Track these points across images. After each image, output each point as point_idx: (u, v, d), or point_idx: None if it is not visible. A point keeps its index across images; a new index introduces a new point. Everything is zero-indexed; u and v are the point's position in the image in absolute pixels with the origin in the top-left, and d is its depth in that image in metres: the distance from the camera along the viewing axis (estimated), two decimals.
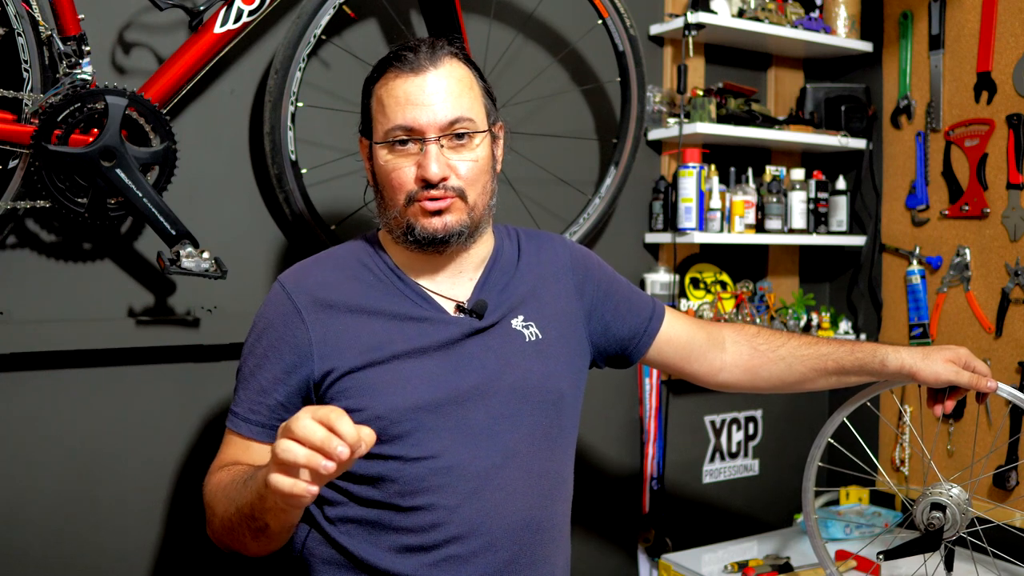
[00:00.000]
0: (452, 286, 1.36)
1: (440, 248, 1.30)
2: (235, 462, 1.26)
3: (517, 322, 1.37)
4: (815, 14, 2.50)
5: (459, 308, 1.33)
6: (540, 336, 1.37)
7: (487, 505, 1.26)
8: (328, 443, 0.94)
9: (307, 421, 0.95)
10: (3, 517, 1.64)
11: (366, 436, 0.97)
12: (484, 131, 1.31)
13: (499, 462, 1.28)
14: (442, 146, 1.27)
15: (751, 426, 2.62)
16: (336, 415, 0.96)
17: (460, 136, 1.28)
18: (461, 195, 1.28)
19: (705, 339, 1.55)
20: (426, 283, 1.35)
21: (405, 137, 1.27)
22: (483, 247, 1.39)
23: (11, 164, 1.53)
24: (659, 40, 2.41)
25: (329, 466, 0.94)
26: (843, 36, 2.51)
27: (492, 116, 1.36)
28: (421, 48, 1.28)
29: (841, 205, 2.52)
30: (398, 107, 1.26)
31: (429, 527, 1.24)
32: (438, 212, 1.27)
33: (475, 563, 1.26)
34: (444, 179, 1.27)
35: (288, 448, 0.95)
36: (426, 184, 1.26)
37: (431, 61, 1.27)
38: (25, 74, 1.51)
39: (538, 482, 1.32)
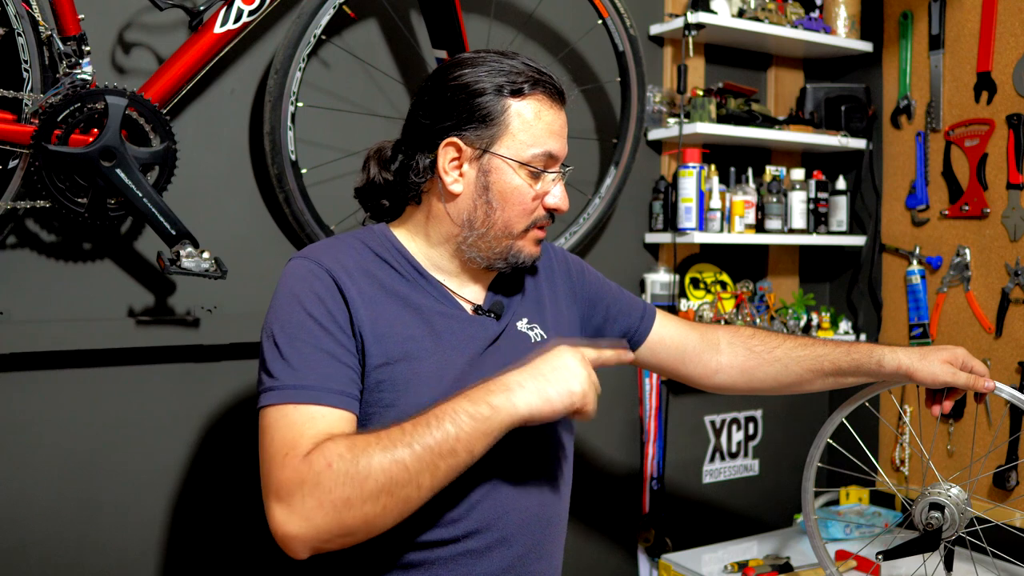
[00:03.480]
0: (469, 289, 1.36)
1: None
2: (329, 435, 1.11)
3: (522, 324, 1.38)
4: (815, 14, 2.50)
5: (476, 309, 1.34)
6: (544, 338, 1.39)
7: (503, 500, 1.27)
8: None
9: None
10: (3, 517, 1.64)
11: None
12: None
13: (515, 459, 1.29)
14: None
15: (751, 426, 2.62)
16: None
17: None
18: None
19: (699, 340, 1.56)
20: (445, 282, 1.34)
21: (552, 168, 1.30)
22: None
23: (11, 164, 1.53)
24: (659, 40, 2.41)
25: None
26: (843, 36, 2.51)
27: None
28: (553, 79, 1.31)
29: (841, 205, 2.52)
30: (549, 134, 1.28)
31: (448, 522, 1.25)
32: (541, 240, 1.35)
33: (490, 557, 1.26)
34: None
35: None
36: (550, 214, 1.32)
37: (563, 97, 1.32)
38: (25, 74, 1.51)
39: (548, 478, 1.35)
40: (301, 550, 1.08)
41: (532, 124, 1.26)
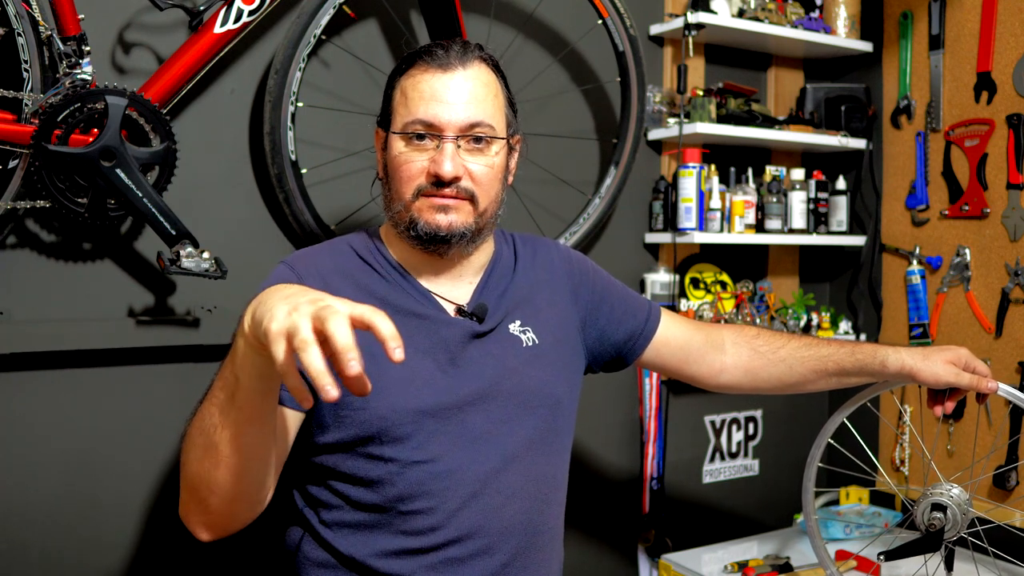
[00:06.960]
0: (452, 288, 1.35)
1: (441, 248, 1.30)
2: None
3: (514, 327, 1.37)
4: (815, 14, 2.50)
5: (459, 311, 1.33)
6: (537, 341, 1.37)
7: (486, 508, 1.26)
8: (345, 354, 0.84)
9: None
10: (4, 516, 1.64)
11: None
12: (502, 139, 1.32)
13: (498, 466, 1.28)
14: (459, 146, 1.27)
15: (751, 426, 2.62)
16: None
17: (478, 140, 1.28)
18: (471, 198, 1.28)
19: (703, 341, 1.55)
20: (426, 283, 1.34)
21: (423, 132, 1.27)
22: (484, 252, 1.39)
23: (11, 164, 1.53)
24: (659, 40, 2.41)
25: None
26: (843, 36, 2.51)
27: (512, 127, 1.36)
28: (453, 47, 1.28)
29: (841, 205, 2.52)
30: (421, 101, 1.26)
31: (427, 530, 1.24)
32: (444, 209, 1.27)
33: (472, 565, 1.26)
34: (456, 179, 1.26)
35: (312, 354, 0.84)
36: (437, 181, 1.26)
37: (461, 61, 1.27)
38: (25, 74, 1.51)
39: (535, 486, 1.32)
40: None
41: (408, 95, 1.29)
